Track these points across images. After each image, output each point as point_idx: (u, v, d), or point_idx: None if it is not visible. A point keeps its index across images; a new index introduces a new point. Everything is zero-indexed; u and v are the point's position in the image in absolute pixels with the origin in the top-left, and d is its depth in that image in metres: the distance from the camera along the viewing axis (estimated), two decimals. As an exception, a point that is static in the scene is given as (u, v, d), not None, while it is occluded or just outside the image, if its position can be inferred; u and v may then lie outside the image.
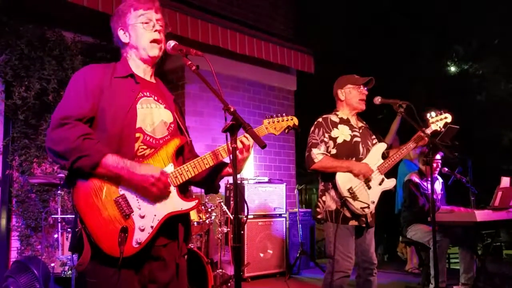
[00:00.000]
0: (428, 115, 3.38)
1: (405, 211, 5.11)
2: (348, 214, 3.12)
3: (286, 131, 2.19)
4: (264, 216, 5.64)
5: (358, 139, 3.27)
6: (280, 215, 5.84)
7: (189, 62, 1.88)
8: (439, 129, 3.35)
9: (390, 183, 3.26)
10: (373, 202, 3.16)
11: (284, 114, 2.19)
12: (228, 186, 5.66)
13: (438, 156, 4.87)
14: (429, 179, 3.09)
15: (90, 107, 1.81)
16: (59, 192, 4.20)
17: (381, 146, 3.30)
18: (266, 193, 5.72)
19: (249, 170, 6.47)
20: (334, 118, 3.31)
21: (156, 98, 1.96)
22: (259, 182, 5.76)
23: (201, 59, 1.87)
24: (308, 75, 7.46)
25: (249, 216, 5.22)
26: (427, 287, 4.69)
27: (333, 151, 3.21)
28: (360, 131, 3.32)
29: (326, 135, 3.21)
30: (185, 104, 6.13)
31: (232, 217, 4.60)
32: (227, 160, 1.97)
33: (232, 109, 1.77)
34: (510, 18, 8.27)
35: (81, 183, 1.74)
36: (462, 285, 4.64)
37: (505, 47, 8.99)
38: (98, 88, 1.83)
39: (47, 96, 4.74)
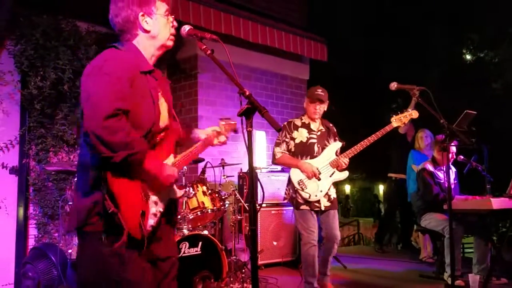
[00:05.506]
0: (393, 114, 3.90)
1: (419, 200, 5.08)
2: (300, 200, 3.94)
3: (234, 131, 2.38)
4: (277, 205, 5.65)
5: (314, 140, 4.04)
6: (293, 204, 5.83)
7: (204, 46, 1.89)
8: (402, 125, 3.91)
9: (341, 175, 3.95)
10: (321, 191, 3.90)
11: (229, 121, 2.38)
12: (241, 175, 5.67)
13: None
14: (443, 168, 3.05)
15: (129, 102, 1.78)
16: (75, 180, 4.24)
17: (335, 145, 4.04)
18: (279, 182, 5.71)
19: (262, 159, 6.48)
20: (297, 122, 4.11)
21: (161, 92, 2.02)
22: (272, 171, 5.75)
23: (215, 45, 1.88)
24: (321, 64, 7.40)
25: (262, 205, 5.23)
26: (442, 275, 4.67)
27: (293, 149, 4.04)
28: (319, 133, 4.08)
29: (288, 135, 4.04)
30: (198, 94, 6.13)
31: (246, 205, 4.62)
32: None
33: (247, 93, 1.78)
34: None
35: (115, 167, 1.72)
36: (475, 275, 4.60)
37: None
38: (130, 82, 1.82)
39: (62, 86, 4.77)
